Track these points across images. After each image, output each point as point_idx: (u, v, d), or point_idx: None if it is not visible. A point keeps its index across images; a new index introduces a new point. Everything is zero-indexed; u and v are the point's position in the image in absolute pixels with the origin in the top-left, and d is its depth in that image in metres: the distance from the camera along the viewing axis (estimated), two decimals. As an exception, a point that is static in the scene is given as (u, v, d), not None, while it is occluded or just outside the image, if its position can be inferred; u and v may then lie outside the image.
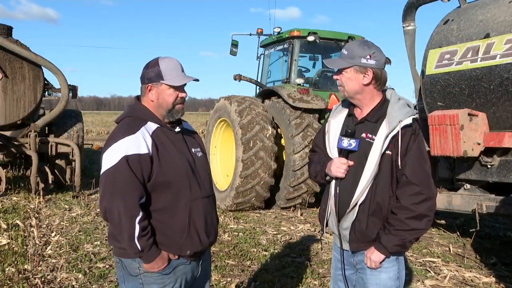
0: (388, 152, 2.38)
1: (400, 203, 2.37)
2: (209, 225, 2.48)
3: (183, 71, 2.44)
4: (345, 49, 2.46)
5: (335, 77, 2.55)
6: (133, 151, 2.25)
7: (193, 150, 2.52)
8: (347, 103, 2.60)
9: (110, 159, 2.26)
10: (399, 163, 2.36)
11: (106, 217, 2.28)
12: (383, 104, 2.46)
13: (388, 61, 2.46)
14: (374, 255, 2.44)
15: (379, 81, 2.44)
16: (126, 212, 2.20)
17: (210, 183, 2.60)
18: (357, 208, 2.43)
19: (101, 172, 2.30)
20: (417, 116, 2.47)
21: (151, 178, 2.31)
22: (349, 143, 2.42)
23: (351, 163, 2.45)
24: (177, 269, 2.40)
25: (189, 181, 2.40)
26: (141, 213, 2.24)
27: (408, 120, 2.38)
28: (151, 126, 2.38)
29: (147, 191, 2.32)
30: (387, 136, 2.37)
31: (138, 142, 2.28)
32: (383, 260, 2.45)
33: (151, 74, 2.39)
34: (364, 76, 2.41)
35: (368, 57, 2.38)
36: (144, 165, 2.27)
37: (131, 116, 2.43)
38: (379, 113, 2.45)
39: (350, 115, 2.57)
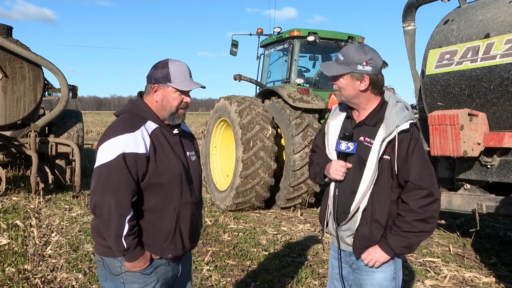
0: (386, 157, 2.37)
1: (408, 206, 2.35)
2: (194, 231, 2.49)
3: (191, 76, 2.43)
4: (341, 54, 2.43)
5: (331, 82, 2.53)
6: (131, 149, 2.23)
7: (188, 153, 2.50)
8: (345, 105, 2.58)
9: (107, 153, 2.23)
10: (396, 169, 2.34)
11: (95, 212, 2.26)
12: (381, 107, 2.45)
13: (385, 65, 2.43)
14: (378, 254, 2.42)
15: (376, 86, 2.42)
16: (117, 209, 2.19)
17: (200, 188, 2.59)
18: (359, 214, 2.42)
19: (95, 166, 2.27)
20: (415, 120, 2.45)
21: (145, 178, 2.30)
22: (347, 146, 2.42)
23: (349, 165, 2.45)
24: (158, 269, 2.40)
25: (181, 185, 2.39)
26: (131, 212, 2.23)
27: (405, 125, 2.35)
28: (151, 125, 2.36)
29: (139, 190, 2.31)
30: (383, 141, 2.36)
31: (137, 141, 2.25)
32: (386, 262, 2.43)
33: (159, 75, 2.36)
34: (361, 83, 2.39)
35: (365, 63, 2.35)
36: (140, 165, 2.25)
37: (131, 112, 2.40)
38: (377, 117, 2.43)
39: (349, 117, 2.55)
